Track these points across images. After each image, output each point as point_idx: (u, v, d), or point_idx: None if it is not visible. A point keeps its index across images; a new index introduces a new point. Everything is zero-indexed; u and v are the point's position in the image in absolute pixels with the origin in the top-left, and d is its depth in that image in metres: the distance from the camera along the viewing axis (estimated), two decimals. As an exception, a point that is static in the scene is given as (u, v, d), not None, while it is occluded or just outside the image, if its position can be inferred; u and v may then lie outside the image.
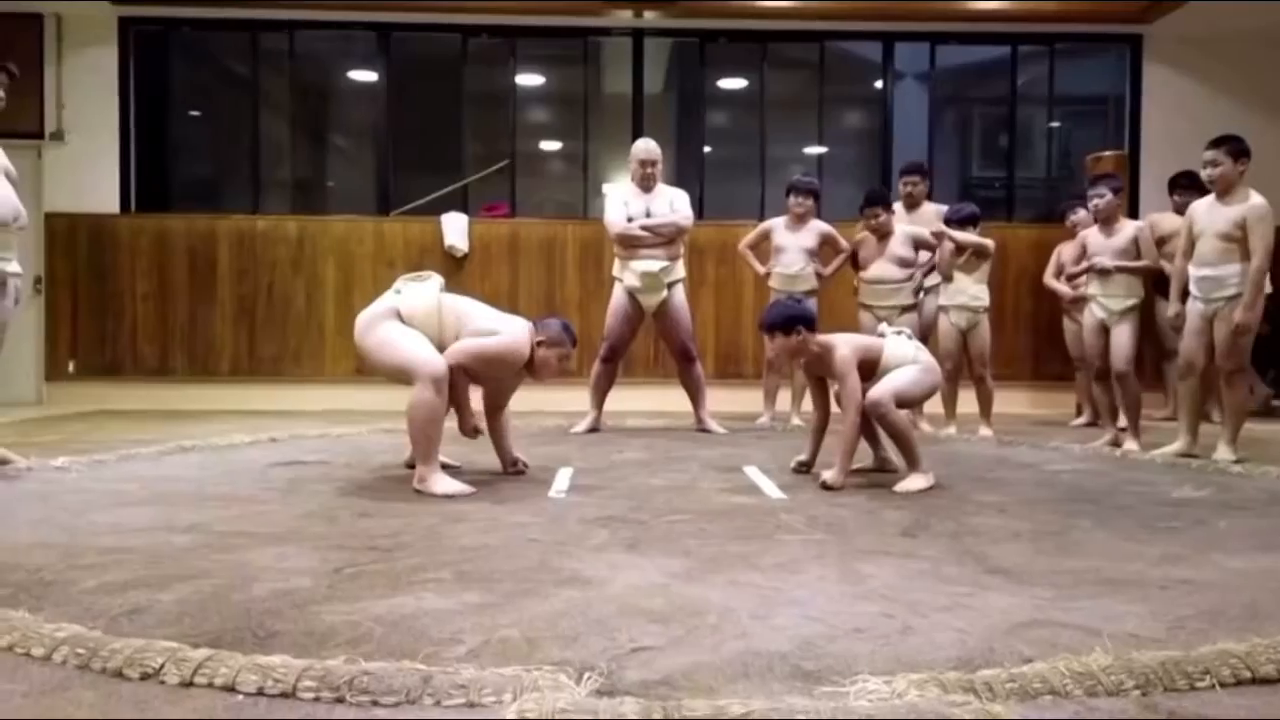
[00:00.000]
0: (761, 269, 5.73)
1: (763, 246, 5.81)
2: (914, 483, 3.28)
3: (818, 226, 5.63)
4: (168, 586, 1.97)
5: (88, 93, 7.02)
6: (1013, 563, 2.22)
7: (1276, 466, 3.84)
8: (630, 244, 5.11)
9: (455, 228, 6.94)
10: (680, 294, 5.24)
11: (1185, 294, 4.15)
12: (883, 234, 5.30)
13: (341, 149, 9.08)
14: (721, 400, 6.40)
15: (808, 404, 5.57)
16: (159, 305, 6.92)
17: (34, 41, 6.85)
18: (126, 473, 3.58)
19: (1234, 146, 3.98)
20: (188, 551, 2.30)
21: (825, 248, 5.66)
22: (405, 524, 2.64)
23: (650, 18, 7.24)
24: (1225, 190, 3.98)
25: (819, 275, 5.62)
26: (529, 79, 8.23)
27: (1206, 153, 4.02)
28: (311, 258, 6.95)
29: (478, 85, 7.55)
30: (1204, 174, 4.04)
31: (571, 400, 6.08)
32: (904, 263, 5.32)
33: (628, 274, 5.15)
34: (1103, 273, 4.69)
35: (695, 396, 5.33)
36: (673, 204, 5.18)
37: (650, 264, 5.09)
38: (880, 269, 5.33)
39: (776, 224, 5.73)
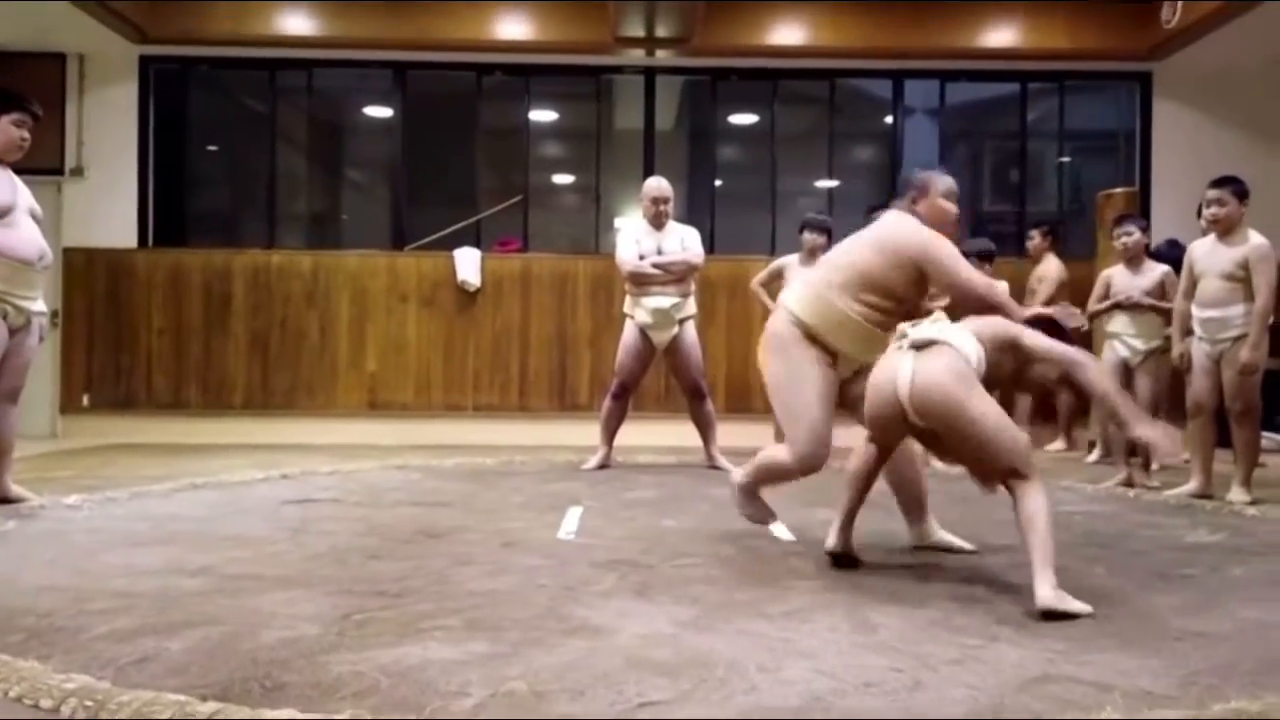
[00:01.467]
0: (774, 306, 5.74)
1: (775, 284, 5.82)
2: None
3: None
4: (177, 633, 1.98)
5: (107, 129, 7.13)
6: (1024, 613, 2.20)
7: (1292, 509, 3.80)
8: (642, 281, 5.14)
9: (468, 263, 6.99)
10: (691, 330, 5.26)
11: (1188, 333, 4.14)
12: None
13: (357, 183, 9.19)
14: (732, 435, 6.38)
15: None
16: (174, 339, 6.98)
17: (56, 80, 6.98)
18: (138, 511, 3.59)
19: (1238, 187, 3.98)
20: (197, 596, 2.30)
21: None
22: (414, 567, 2.64)
23: (662, 56, 7.32)
24: (1227, 231, 3.99)
25: None
26: (542, 114, 8.32)
27: (1210, 192, 4.02)
28: (325, 292, 7.01)
29: (491, 120, 7.64)
30: (1207, 213, 4.04)
31: (582, 435, 6.09)
32: None
33: (639, 311, 5.18)
34: (1132, 309, 4.66)
35: (706, 433, 5.33)
36: (684, 241, 5.21)
37: (662, 301, 5.12)
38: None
39: (790, 261, 5.75)
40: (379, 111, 7.94)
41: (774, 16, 7.09)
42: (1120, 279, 4.79)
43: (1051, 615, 2.13)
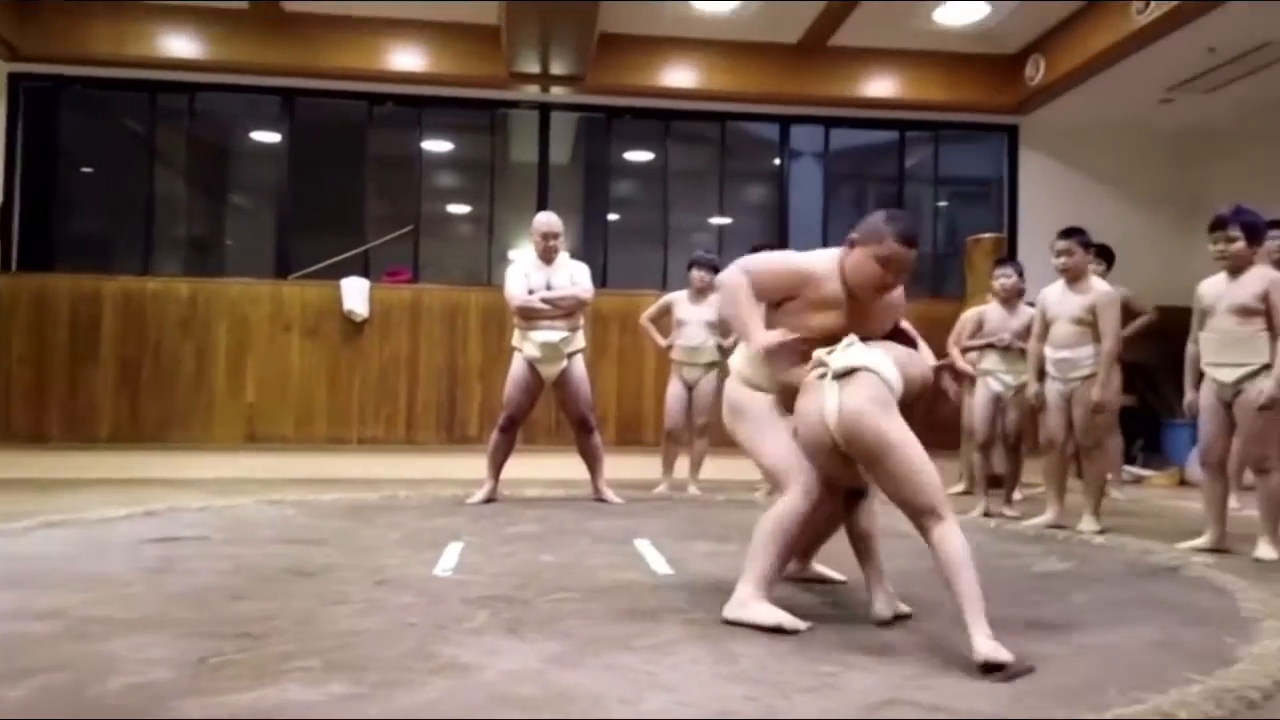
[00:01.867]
0: (663, 341, 5.84)
1: (664, 320, 5.92)
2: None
3: (717, 300, 5.77)
4: (18, 682, 1.88)
5: (-30, 148, 6.79)
6: (880, 640, 2.30)
7: (1134, 537, 4.06)
8: (530, 315, 5.15)
9: (355, 292, 6.88)
10: (580, 364, 5.29)
11: (1042, 374, 4.41)
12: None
13: (242, 209, 8.96)
14: (622, 468, 6.43)
15: (706, 472, 5.69)
16: (36, 368, 6.64)
17: (-86, 95, 6.62)
18: (-14, 551, 3.39)
19: (1084, 238, 4.29)
20: (43, 641, 2.20)
21: (725, 320, 5.80)
22: (280, 607, 2.58)
23: (557, 93, 7.41)
24: (1076, 278, 4.28)
25: (720, 348, 5.75)
26: (436, 145, 8.30)
27: (1059, 242, 4.31)
28: (204, 320, 6.79)
29: (383, 149, 7.58)
30: (1055, 261, 4.32)
31: (470, 468, 6.03)
32: None
33: (528, 344, 5.18)
34: (1005, 349, 4.92)
35: (593, 466, 5.36)
36: (573, 277, 5.24)
37: (550, 335, 5.14)
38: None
39: (678, 297, 5.85)
40: (266, 136, 7.78)
41: (667, 59, 7.28)
42: (994, 318, 5.06)
43: (990, 668, 2.03)
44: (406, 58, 7.02)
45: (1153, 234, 7.80)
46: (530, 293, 5.13)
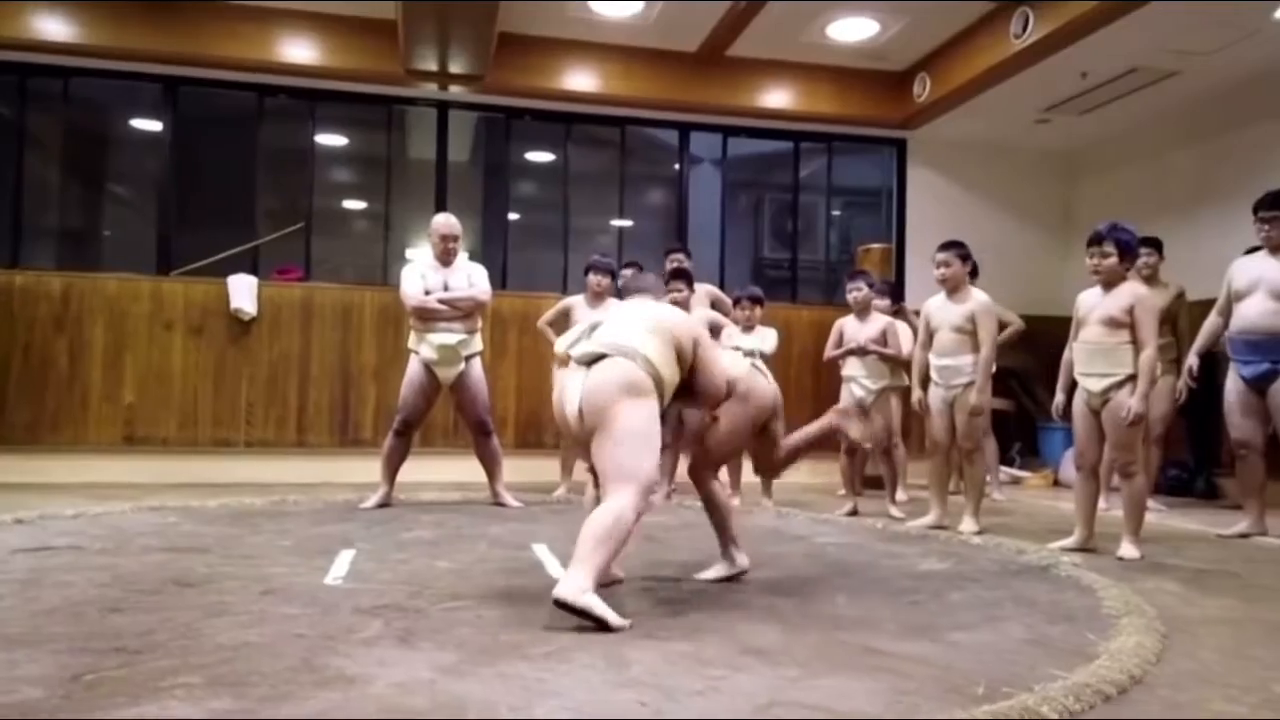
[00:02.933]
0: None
1: (561, 323, 5.93)
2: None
3: (615, 304, 5.80)
4: None
5: None
6: (768, 642, 2.37)
7: (1009, 537, 4.28)
8: (427, 317, 5.10)
9: (242, 290, 6.65)
10: (478, 367, 5.26)
11: (926, 380, 4.62)
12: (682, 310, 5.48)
13: (122, 199, 8.55)
14: (522, 470, 6.42)
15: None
16: (-111, 365, 6.19)
17: None
18: None
19: (962, 250, 4.51)
20: (-104, 662, 2.07)
21: None
22: (160, 620, 2.49)
23: (456, 91, 7.32)
24: (955, 289, 4.49)
25: None
26: (330, 139, 8.08)
27: (938, 254, 4.52)
28: (78, 316, 6.44)
29: (275, 141, 7.34)
30: (935, 273, 4.53)
31: (365, 472, 5.91)
32: None
33: (424, 347, 5.13)
34: (862, 354, 5.17)
35: (491, 470, 5.33)
36: (470, 278, 5.22)
37: (447, 337, 5.10)
38: None
39: (576, 301, 5.88)
40: (148, 125, 7.44)
41: (566, 62, 7.27)
42: (850, 328, 5.33)
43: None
44: (299, 50, 6.81)
45: (1027, 246, 8.21)
46: (427, 293, 5.10)
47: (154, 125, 7.23)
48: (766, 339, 5.36)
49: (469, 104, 7.56)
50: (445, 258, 5.21)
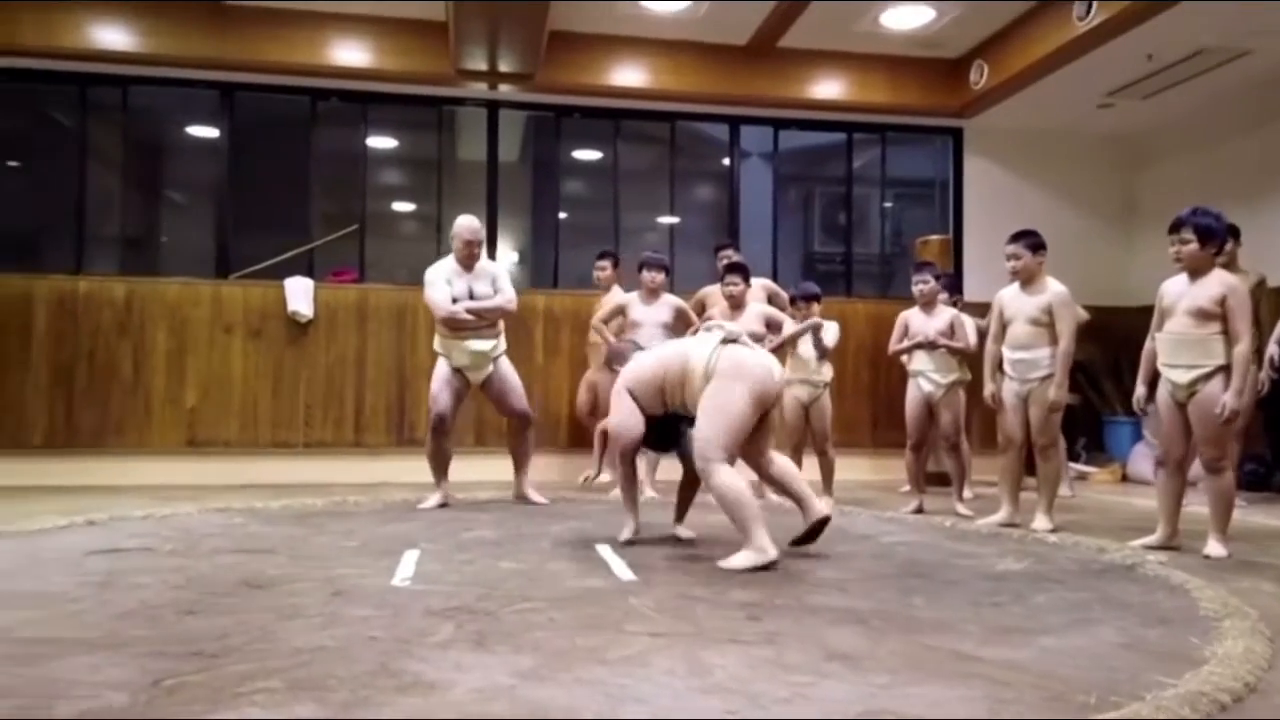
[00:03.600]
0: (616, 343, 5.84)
1: (615, 321, 5.89)
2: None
3: (671, 301, 5.75)
4: (-44, 711, 1.78)
5: (-113, 141, 6.46)
6: (851, 646, 2.29)
7: (1087, 536, 4.14)
8: (457, 326, 5.08)
9: (299, 293, 6.71)
10: (506, 363, 5.30)
11: (998, 373, 4.48)
12: (736, 305, 5.38)
13: (178, 206, 8.68)
14: (575, 469, 6.41)
15: (661, 473, 5.67)
16: (-39, 372, 6.34)
17: None
18: (-87, 567, 3.23)
19: (1031, 240, 4.34)
20: (-18, 666, 2.09)
21: (679, 321, 5.80)
22: (235, 623, 2.49)
23: (506, 91, 7.31)
24: (1028, 280, 4.35)
25: None
26: (381, 141, 8.13)
27: (1007, 247, 4.38)
28: (140, 322, 6.55)
29: (327, 145, 7.40)
30: (1007, 266, 4.39)
31: (422, 471, 5.92)
32: (755, 338, 5.47)
33: (456, 353, 5.14)
34: (930, 348, 5.03)
35: (521, 464, 5.36)
36: (495, 282, 5.19)
37: (477, 344, 5.12)
38: None
39: (631, 299, 5.83)
40: (204, 131, 7.54)
41: (615, 58, 7.23)
42: (916, 321, 5.18)
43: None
44: (351, 53, 6.85)
45: (1088, 235, 7.99)
46: (454, 300, 5.09)
47: (210, 132, 7.33)
48: (828, 332, 5.28)
49: (518, 103, 7.55)
50: (468, 262, 5.16)
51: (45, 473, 6.24)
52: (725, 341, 3.56)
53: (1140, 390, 3.96)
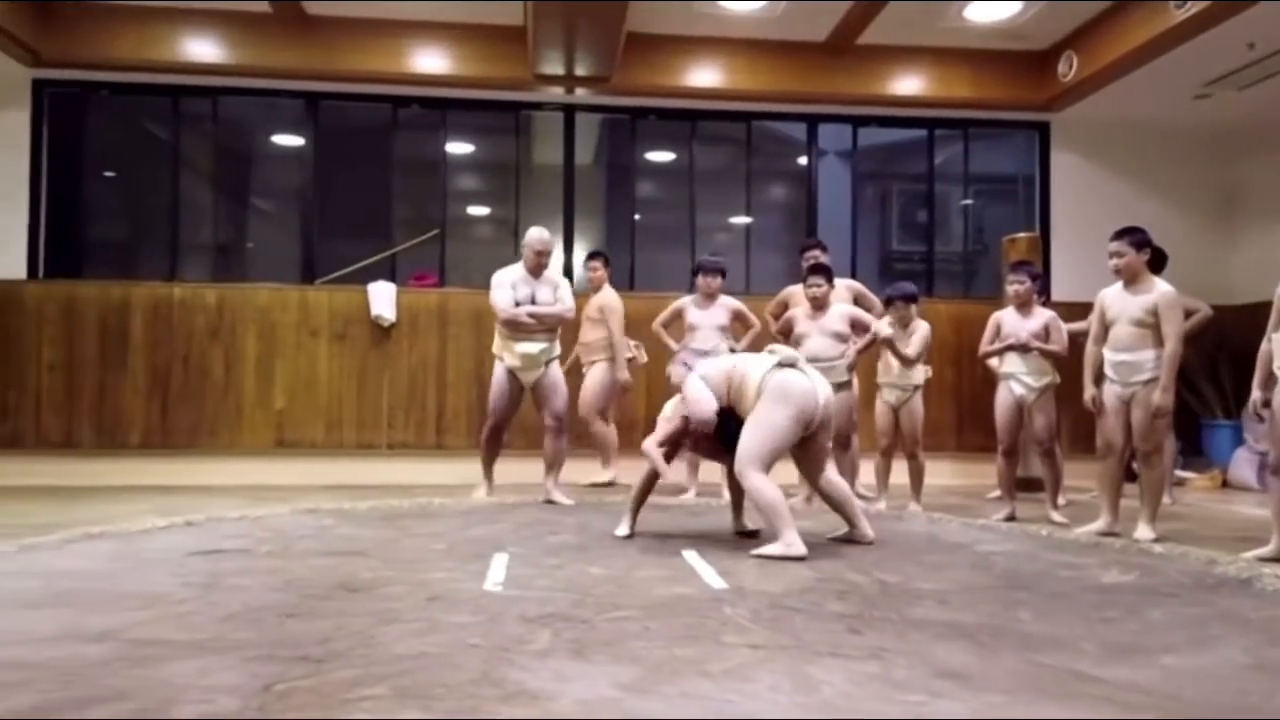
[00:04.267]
0: (675, 346, 5.93)
1: (675, 325, 6.02)
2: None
3: (727, 303, 5.86)
4: (82, 711, 1.83)
5: (-4, 154, 6.77)
6: (960, 663, 2.22)
7: (1194, 546, 3.97)
8: (516, 327, 5.35)
9: (383, 297, 6.83)
10: (556, 370, 5.55)
11: (1099, 377, 4.31)
12: (819, 306, 5.31)
13: (264, 213, 8.91)
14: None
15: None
16: (65, 375, 6.62)
17: (-60, 102, 6.60)
18: (28, 566, 3.35)
19: (1135, 238, 4.17)
20: (101, 666, 2.14)
21: (736, 323, 5.89)
22: (336, 627, 2.52)
23: (581, 94, 7.34)
24: (1131, 279, 4.17)
25: (732, 351, 5.80)
26: (458, 147, 8.22)
27: (1110, 244, 4.22)
28: (231, 326, 6.75)
29: (406, 151, 7.52)
30: (1109, 264, 4.22)
31: (501, 473, 5.98)
32: (837, 337, 5.39)
33: (509, 354, 5.41)
34: (1023, 351, 4.87)
35: (551, 465, 5.52)
36: (557, 291, 5.47)
37: (531, 346, 5.39)
38: (814, 345, 5.38)
39: (688, 302, 5.93)
40: (289, 140, 7.73)
41: (691, 59, 7.19)
42: (1010, 322, 5.01)
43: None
44: (430, 60, 6.95)
45: (1184, 232, 7.67)
46: (517, 304, 5.35)
47: (295, 140, 7.51)
48: (917, 334, 5.18)
49: (594, 106, 7.57)
50: (537, 271, 5.45)
51: (142, 472, 6.46)
52: (781, 365, 3.87)
53: (1256, 395, 3.77)
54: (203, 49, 6.77)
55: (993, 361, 5.40)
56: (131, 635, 2.42)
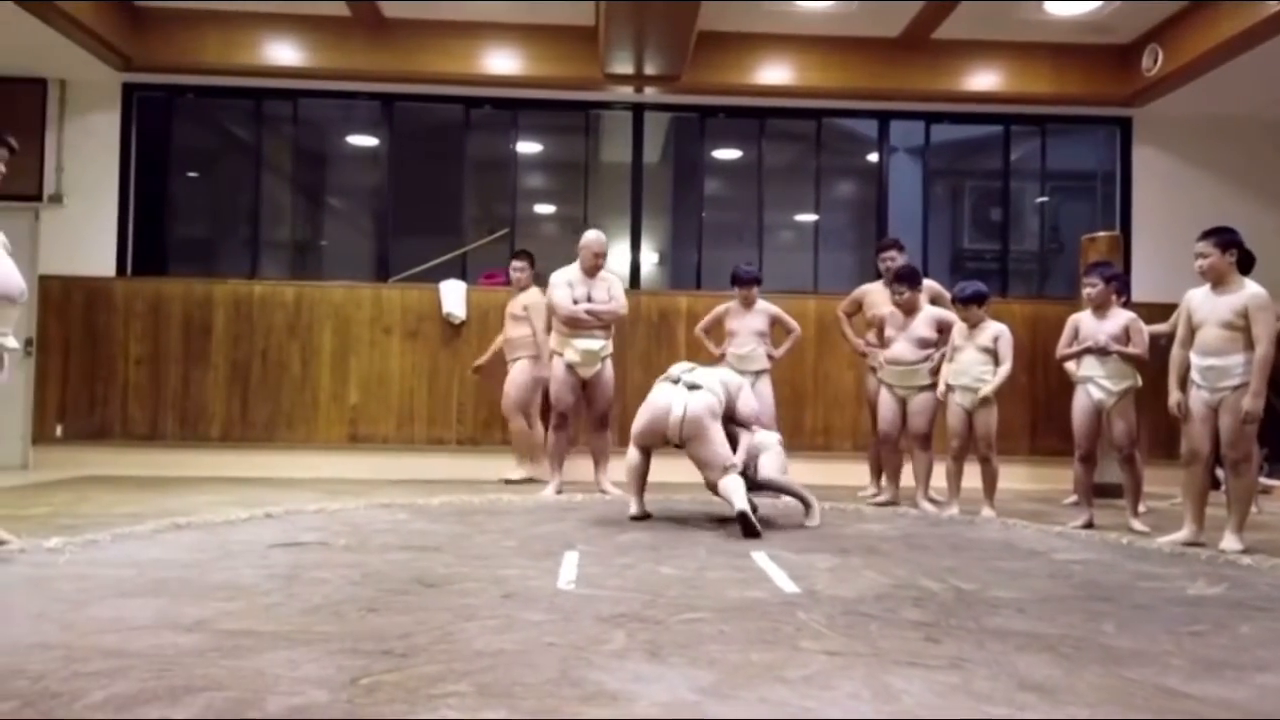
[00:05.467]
0: (716, 350, 6.05)
1: (716, 330, 6.15)
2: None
3: (766, 308, 6.02)
4: (179, 700, 1.90)
5: (88, 156, 7.04)
6: (1043, 676, 2.18)
7: (1285, 558, 3.82)
8: (575, 325, 5.64)
9: (453, 295, 6.94)
10: (609, 367, 5.84)
11: (1184, 382, 4.17)
12: (907, 311, 5.40)
13: (337, 212, 9.12)
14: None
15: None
16: (151, 369, 6.86)
17: (37, 106, 6.89)
18: (121, 555, 3.49)
19: (1222, 238, 4.02)
20: (195, 656, 2.22)
21: (775, 328, 6.04)
22: (416, 622, 2.57)
23: (651, 93, 7.35)
24: (1218, 280, 4.03)
25: (770, 356, 5.98)
26: (527, 146, 8.31)
27: (1196, 244, 4.08)
28: (308, 323, 6.92)
29: (477, 151, 7.62)
30: (1195, 265, 4.08)
31: (567, 470, 6.03)
32: (923, 343, 5.37)
33: (569, 350, 5.69)
34: (1102, 354, 4.74)
35: (599, 460, 5.84)
36: (611, 290, 5.76)
37: (591, 343, 5.70)
38: (898, 349, 5.41)
39: (728, 308, 5.99)
40: (363, 140, 7.89)
41: (762, 56, 7.15)
42: (1087, 324, 4.88)
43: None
44: (503, 60, 7.03)
45: (1273, 230, 7.37)
46: (575, 303, 5.62)
47: (369, 141, 7.66)
48: (1002, 339, 5.09)
49: (664, 105, 7.57)
50: (593, 271, 5.75)
51: (222, 464, 6.67)
52: (668, 378, 4.58)
53: None
54: (283, 52, 6.95)
55: (1070, 365, 5.27)
56: (222, 626, 2.50)
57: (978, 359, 5.15)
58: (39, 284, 6.78)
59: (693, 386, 4.42)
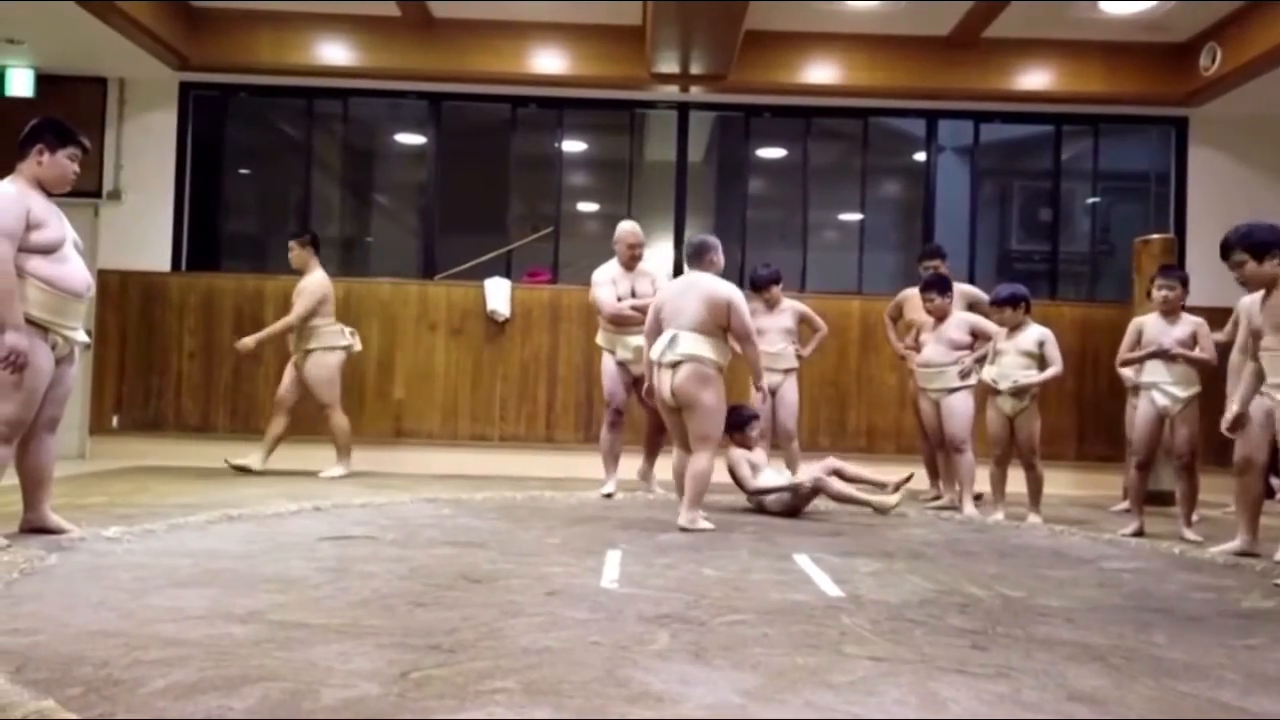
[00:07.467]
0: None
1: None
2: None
3: (792, 306, 5.98)
4: (236, 690, 1.95)
5: (145, 153, 7.20)
6: (1093, 687, 2.15)
7: (1344, 572, 3.73)
8: (623, 322, 5.51)
9: (498, 293, 7.00)
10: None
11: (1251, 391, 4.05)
12: (938, 318, 5.39)
13: (385, 209, 9.24)
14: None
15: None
16: (204, 362, 7.01)
17: (97, 104, 7.07)
18: (177, 545, 3.58)
19: (1248, 243, 3.81)
20: (250, 646, 2.28)
21: (803, 326, 5.99)
22: (462, 617, 2.61)
23: (696, 92, 7.34)
24: (1263, 286, 3.86)
25: (799, 355, 5.94)
26: (572, 145, 8.35)
27: (1223, 261, 3.91)
28: (356, 319, 7.00)
29: (522, 150, 7.67)
30: (1234, 275, 3.93)
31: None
32: (953, 345, 5.35)
33: (620, 348, 5.58)
34: (1168, 359, 4.64)
35: (652, 453, 5.76)
36: (653, 282, 5.60)
37: (639, 339, 5.38)
38: (929, 351, 5.41)
39: (755, 308, 5.92)
40: (410, 139, 7.99)
41: (808, 55, 7.12)
42: (1153, 328, 4.77)
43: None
44: (549, 60, 7.07)
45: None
46: (619, 299, 5.50)
47: (417, 139, 7.75)
48: (1049, 344, 5.02)
49: (709, 104, 7.57)
50: (631, 264, 5.62)
51: (270, 457, 6.77)
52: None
53: None
54: (334, 52, 7.05)
55: (1125, 371, 5.17)
56: (273, 617, 2.56)
57: (1019, 362, 5.06)
58: (98, 278, 6.94)
59: (674, 365, 4.40)
